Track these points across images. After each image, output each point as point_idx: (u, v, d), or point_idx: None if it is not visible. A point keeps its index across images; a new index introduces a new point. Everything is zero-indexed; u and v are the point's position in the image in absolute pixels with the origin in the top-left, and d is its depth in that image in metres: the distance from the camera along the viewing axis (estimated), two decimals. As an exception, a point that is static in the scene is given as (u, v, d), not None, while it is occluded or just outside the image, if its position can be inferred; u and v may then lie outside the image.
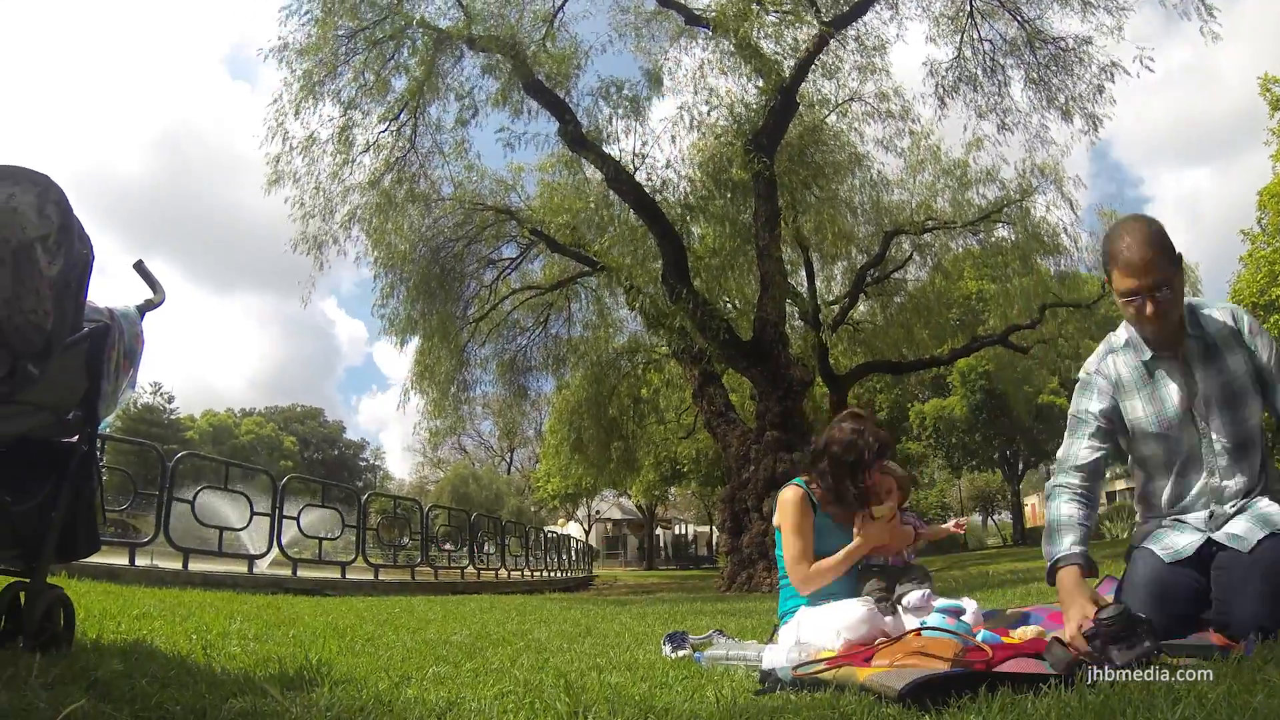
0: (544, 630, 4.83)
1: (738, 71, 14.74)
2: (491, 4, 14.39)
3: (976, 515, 54.83)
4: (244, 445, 62.98)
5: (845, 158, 17.15)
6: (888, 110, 17.04)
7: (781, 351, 14.57)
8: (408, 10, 14.23)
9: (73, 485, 2.56)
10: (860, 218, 17.90)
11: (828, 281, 19.95)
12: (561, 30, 14.84)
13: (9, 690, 1.74)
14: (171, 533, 9.17)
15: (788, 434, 14.00)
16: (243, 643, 3.35)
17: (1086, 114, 14.70)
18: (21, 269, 2.39)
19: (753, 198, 14.43)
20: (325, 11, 13.67)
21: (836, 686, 2.20)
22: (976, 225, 17.83)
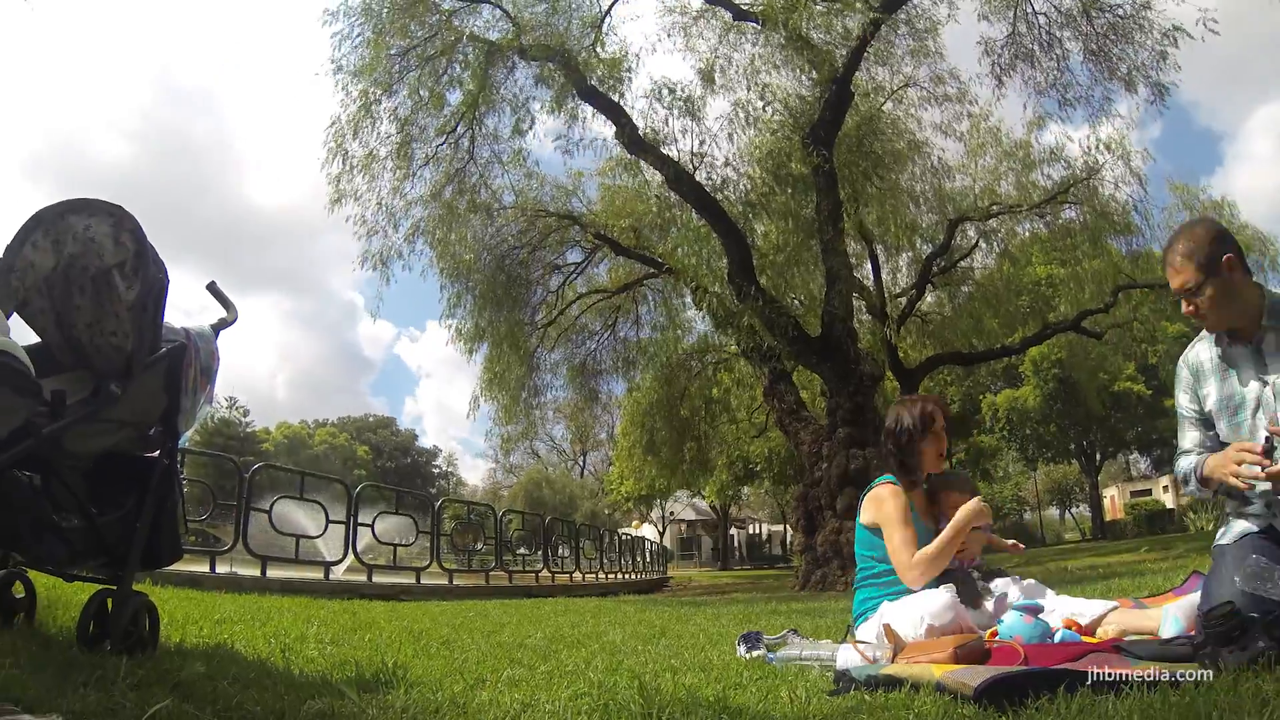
0: (618, 632, 4.82)
1: (790, 64, 14.50)
2: (539, 13, 14.46)
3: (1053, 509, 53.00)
4: (318, 455, 64.45)
5: (904, 145, 16.67)
6: (944, 94, 16.59)
7: (850, 346, 14.28)
8: (457, 25, 14.42)
9: (155, 497, 2.68)
10: (923, 206, 17.31)
11: (894, 273, 19.27)
12: (610, 34, 14.80)
13: (98, 690, 1.83)
14: (250, 541, 9.45)
15: (860, 430, 13.74)
16: (320, 646, 3.44)
17: (1151, 83, 14.03)
18: (101, 295, 2.52)
19: (814, 192, 14.16)
20: (376, 33, 13.89)
21: (911, 686, 2.16)
22: (1043, 207, 17.15)
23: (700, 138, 14.79)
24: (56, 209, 2.53)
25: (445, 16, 14.31)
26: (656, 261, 17.00)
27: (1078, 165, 16.53)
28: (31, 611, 2.82)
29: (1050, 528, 49.10)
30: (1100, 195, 16.55)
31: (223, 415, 61.86)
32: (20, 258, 2.51)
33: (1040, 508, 48.64)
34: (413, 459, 79.82)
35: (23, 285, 2.52)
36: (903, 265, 19.06)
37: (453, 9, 14.42)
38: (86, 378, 2.53)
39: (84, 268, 2.54)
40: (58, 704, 1.69)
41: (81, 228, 2.53)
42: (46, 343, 2.64)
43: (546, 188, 17.50)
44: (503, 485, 62.65)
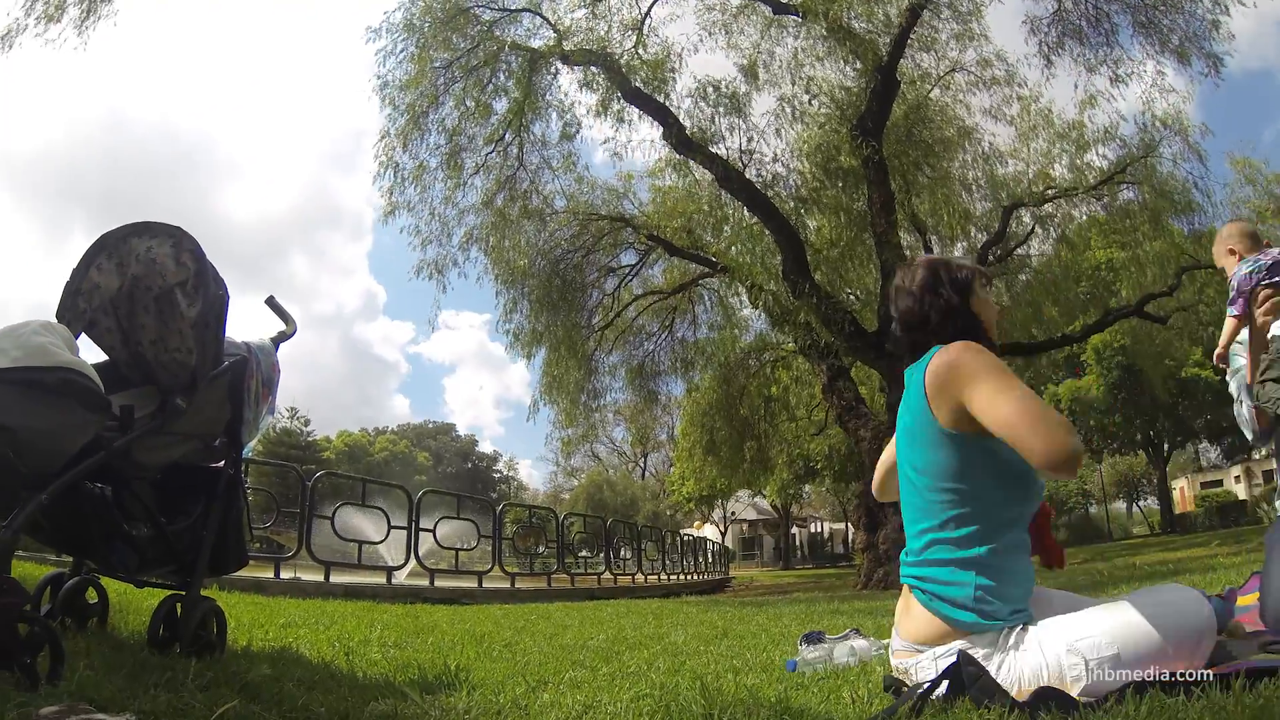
0: (680, 633, 4.81)
1: (833, 56, 14.28)
2: (579, 18, 14.54)
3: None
4: (379, 462, 65.56)
5: (954, 132, 16.24)
6: (992, 77, 16.06)
7: None
8: (498, 35, 14.54)
9: (221, 506, 2.77)
10: (976, 194, 16.84)
11: None
12: (651, 35, 14.71)
13: (169, 691, 1.89)
14: (313, 547, 9.69)
15: None
16: (383, 649, 3.49)
17: (1204, 53, 13.52)
18: (165, 313, 2.61)
19: (864, 184, 13.94)
20: (419, 48, 14.08)
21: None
22: (1099, 189, 16.53)
23: (748, 135, 14.73)
24: (119, 233, 2.63)
25: (486, 27, 14.45)
26: (711, 261, 16.92)
27: (1133, 144, 15.94)
28: (104, 616, 2.93)
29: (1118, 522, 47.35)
30: (1159, 174, 15.94)
31: (284, 425, 63.37)
32: (86, 280, 2.62)
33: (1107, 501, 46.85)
34: (473, 464, 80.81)
35: (90, 306, 2.63)
36: (958, 255, 18.68)
37: (493, 19, 14.56)
38: (153, 393, 2.63)
39: (147, 287, 2.63)
40: (130, 704, 1.75)
41: (143, 249, 2.62)
42: (114, 360, 2.74)
43: (598, 191, 17.57)
44: (564, 488, 63.04)
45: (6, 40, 11.40)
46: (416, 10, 14.10)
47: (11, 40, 11.43)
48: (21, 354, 2.08)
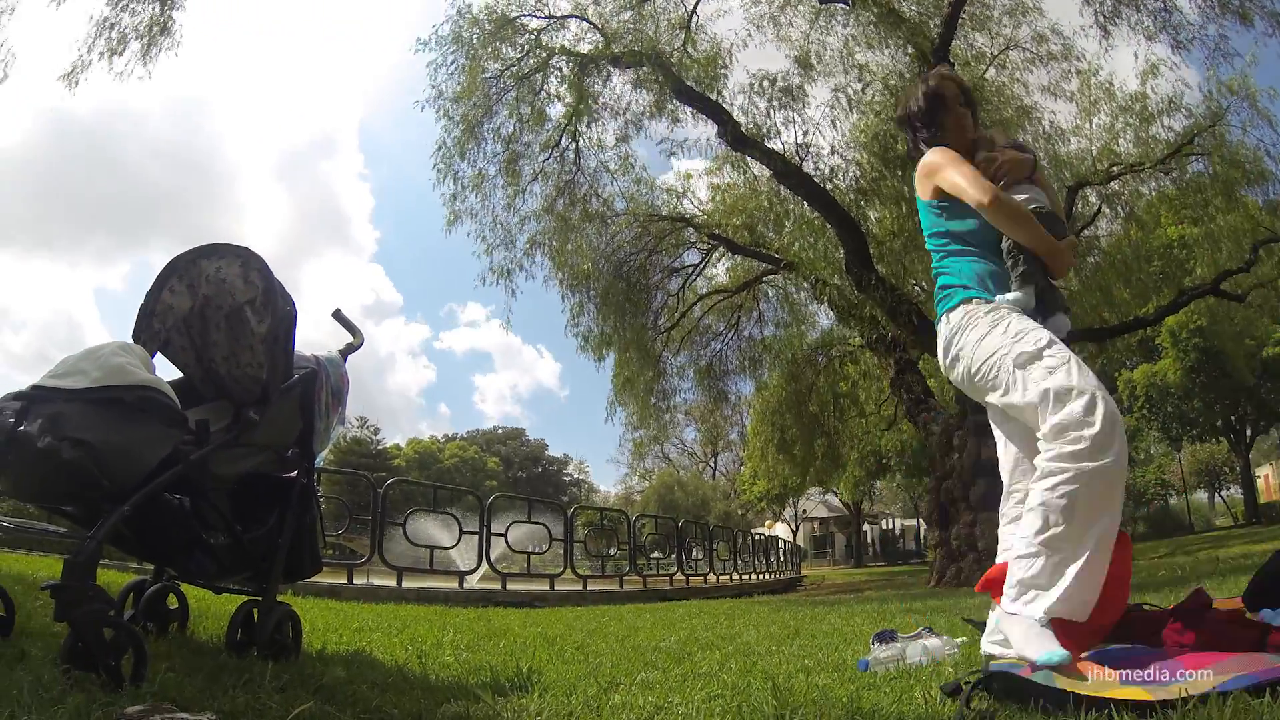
0: (752, 633, 4.77)
1: (884, 42, 14.04)
2: (626, 20, 14.54)
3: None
4: (449, 469, 66.57)
5: (1012, 112, 15.54)
6: (1048, 52, 15.48)
7: None
8: (546, 42, 14.69)
9: (295, 514, 2.86)
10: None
11: None
12: (699, 33, 14.68)
13: (246, 692, 1.96)
14: (385, 553, 9.89)
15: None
16: (456, 652, 3.54)
17: (1266, 13, 12.81)
18: (236, 330, 2.71)
19: None
20: (470, 59, 14.30)
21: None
22: (1166, 163, 15.72)
23: (803, 128, 14.54)
24: (188, 256, 2.73)
25: (534, 35, 14.60)
26: (774, 257, 16.80)
27: (1199, 113, 15.15)
28: (184, 621, 3.04)
29: (1199, 513, 44.85)
30: (1228, 143, 15.11)
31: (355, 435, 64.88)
32: (160, 302, 2.73)
33: (1187, 491, 44.58)
34: (543, 468, 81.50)
35: (164, 327, 2.74)
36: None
37: (540, 27, 14.70)
38: (227, 407, 2.72)
39: (218, 306, 2.74)
40: (210, 704, 1.82)
41: (213, 270, 2.73)
42: (188, 377, 2.85)
43: (657, 191, 17.57)
44: (635, 490, 63.15)
45: (73, 76, 11.89)
46: (464, 23, 14.31)
47: (78, 75, 11.90)
48: (101, 374, 2.19)
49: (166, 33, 12.27)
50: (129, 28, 12.01)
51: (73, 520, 2.42)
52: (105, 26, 11.84)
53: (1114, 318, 17.46)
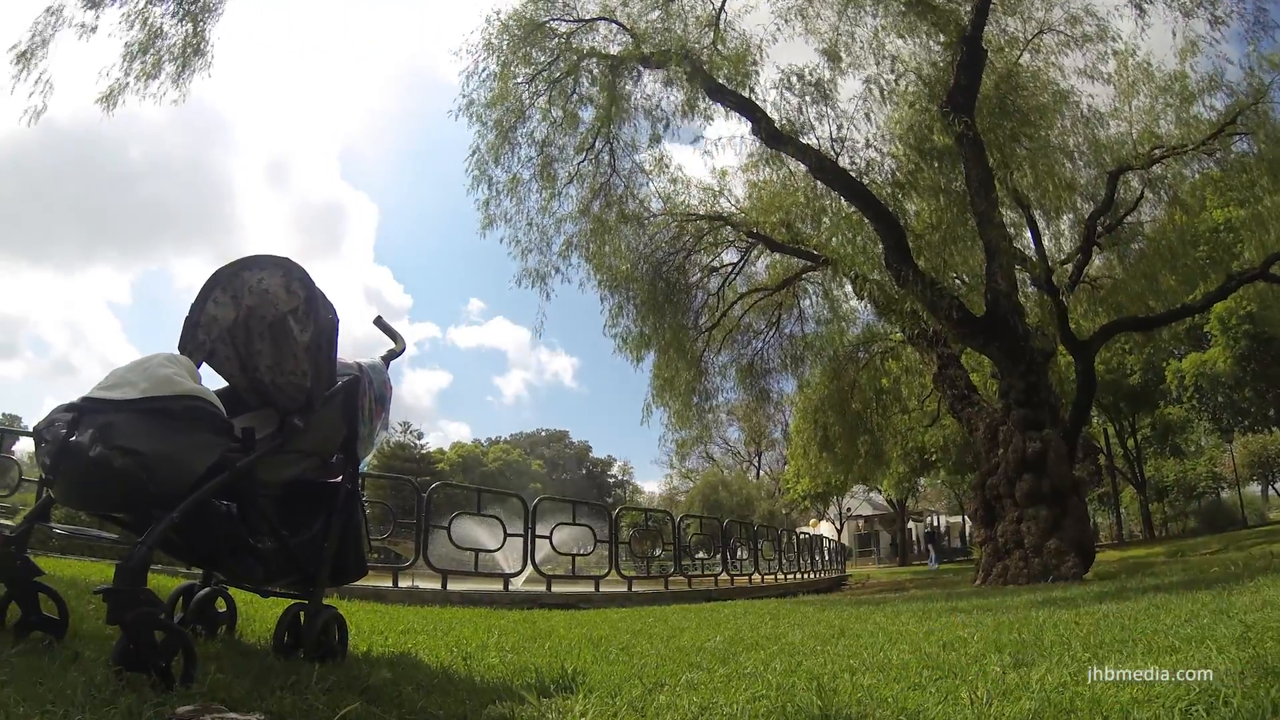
0: (797, 633, 4.76)
1: (914, 31, 13.79)
2: (654, 20, 14.52)
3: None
4: (492, 472, 66.98)
5: (1049, 98, 15.26)
6: (1083, 34, 15.09)
7: (1018, 323, 13.32)
8: (576, 45, 14.68)
9: (340, 519, 2.90)
10: (1079, 161, 15.80)
11: (1056, 238, 17.70)
12: (728, 30, 14.52)
13: (293, 693, 2.00)
14: (430, 556, 9.99)
15: (1035, 410, 12.90)
16: (500, 654, 3.57)
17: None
18: (279, 339, 2.76)
19: (961, 162, 13.42)
20: (501, 65, 14.37)
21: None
22: (1210, 144, 15.16)
23: (837, 122, 14.32)
24: (231, 268, 2.80)
25: (564, 39, 14.62)
26: (812, 254, 16.66)
27: (1241, 90, 14.60)
28: (233, 624, 3.11)
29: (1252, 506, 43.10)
30: (1272, 120, 14.53)
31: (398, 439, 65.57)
32: (204, 314, 2.79)
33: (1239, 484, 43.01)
34: (587, 470, 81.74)
35: (209, 338, 2.80)
36: (1064, 229, 17.39)
37: (569, 30, 14.70)
38: (272, 415, 2.78)
39: (261, 316, 2.79)
40: (258, 704, 1.86)
41: (255, 281, 2.78)
42: (234, 386, 2.91)
43: (693, 191, 17.43)
44: (679, 491, 63.02)
45: (110, 99, 12.07)
46: (494, 30, 14.40)
47: (115, 99, 12.09)
48: (149, 385, 2.25)
49: (199, 53, 12.51)
50: (163, 50, 12.26)
51: (124, 527, 2.49)
52: (139, 50, 12.09)
53: (1160, 306, 16.99)
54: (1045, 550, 11.68)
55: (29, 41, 11.22)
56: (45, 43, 11.30)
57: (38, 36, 11.27)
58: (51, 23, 11.34)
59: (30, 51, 11.19)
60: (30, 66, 11.17)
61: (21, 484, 11.17)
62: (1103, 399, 29.99)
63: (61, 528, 2.92)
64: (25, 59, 11.16)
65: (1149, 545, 27.30)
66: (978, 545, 14.54)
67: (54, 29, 11.35)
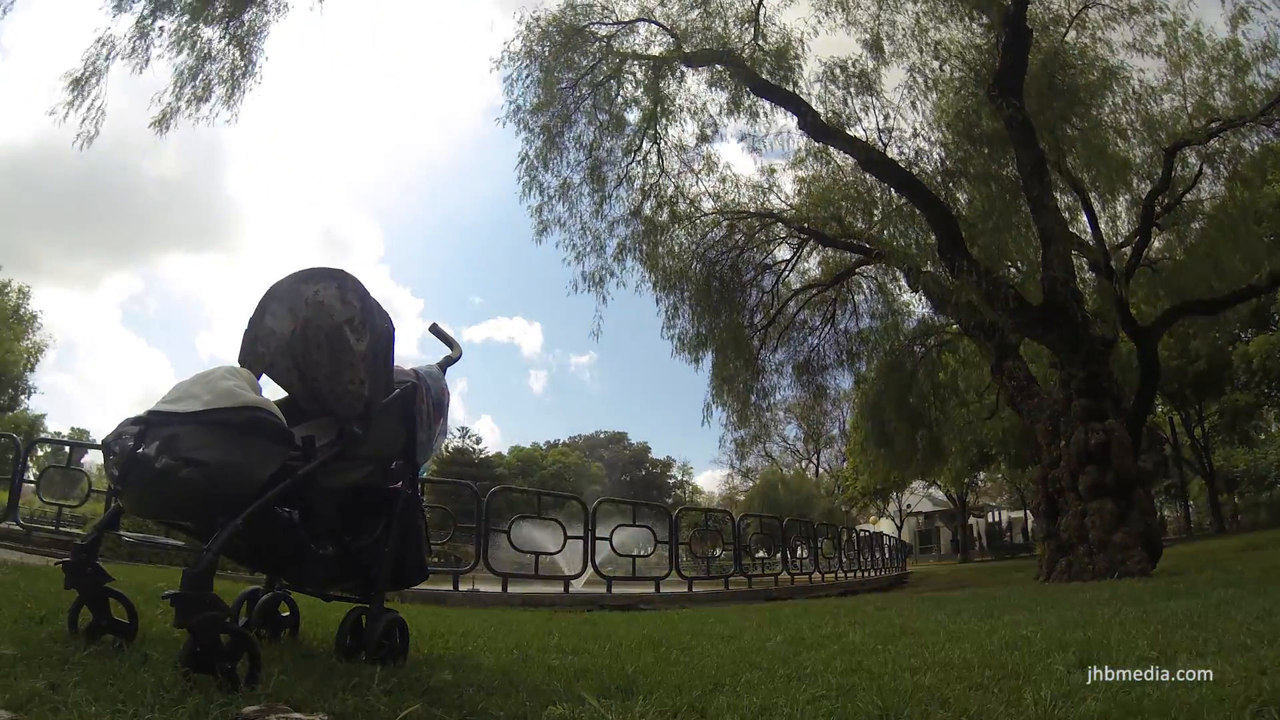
0: (858, 632, 4.70)
1: (956, 15, 13.53)
2: (694, 19, 14.52)
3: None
4: (552, 475, 67.29)
5: (1098, 75, 14.75)
6: (1128, 6, 14.53)
7: (1077, 310, 12.91)
8: (617, 48, 14.79)
9: (401, 523, 2.96)
10: (1132, 139, 15.25)
11: (1112, 221, 17.07)
12: (768, 25, 14.48)
13: (355, 695, 2.05)
14: (490, 559, 10.14)
15: (1097, 400, 12.51)
16: (561, 656, 3.58)
17: None
18: (336, 349, 2.83)
19: (1011, 147, 13.14)
20: (544, 71, 14.53)
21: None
22: (1268, 114, 14.41)
23: (883, 112, 14.19)
24: (287, 281, 2.88)
25: (604, 42, 14.72)
26: (864, 247, 16.53)
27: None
28: (295, 627, 3.19)
29: None
30: None
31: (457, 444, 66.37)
32: (262, 327, 2.88)
33: None
34: (646, 471, 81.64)
35: (268, 350, 2.88)
36: (1121, 210, 16.70)
37: (610, 33, 14.80)
38: (331, 423, 2.84)
39: (318, 328, 2.85)
40: (321, 705, 1.91)
41: (311, 293, 2.85)
42: (293, 396, 2.99)
43: (742, 188, 17.38)
44: (739, 490, 62.69)
45: (163, 123, 12.48)
46: (534, 36, 14.56)
47: (168, 122, 12.50)
48: (212, 397, 2.33)
49: (248, 74, 12.91)
50: (212, 73, 12.65)
51: (190, 534, 2.58)
52: (189, 74, 12.48)
53: (1224, 287, 16.22)
54: (1110, 545, 11.33)
55: (83, 69, 11.63)
56: (99, 72, 11.69)
57: (90, 65, 11.67)
58: (103, 53, 11.74)
59: (84, 79, 11.60)
60: (84, 93, 11.56)
61: (91, 494, 11.63)
62: (1167, 386, 28.86)
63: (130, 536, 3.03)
64: (79, 86, 11.56)
65: (1219, 539, 26.23)
66: (1040, 541, 14.16)
67: (106, 58, 11.74)
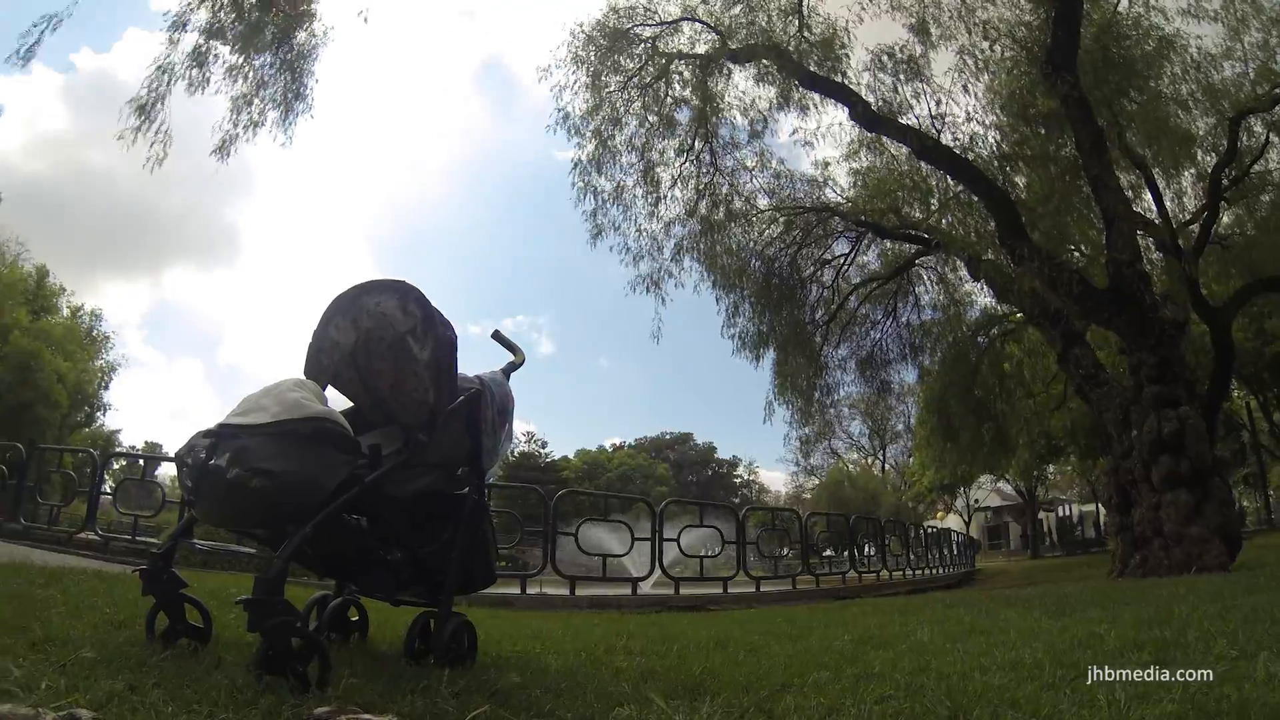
0: (926, 631, 4.61)
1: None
2: (737, 15, 14.50)
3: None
4: (618, 477, 67.46)
5: (1154, 45, 14.19)
6: None
7: (1145, 292, 12.41)
8: (662, 49, 14.86)
9: (468, 529, 3.00)
10: (1194, 110, 14.62)
11: (1178, 197, 16.47)
12: (812, 16, 14.32)
13: (424, 697, 2.09)
14: (558, 563, 10.22)
15: (1169, 386, 11.96)
16: (628, 657, 3.58)
17: None
18: (400, 359, 2.89)
19: (1068, 126, 12.72)
20: (591, 76, 14.72)
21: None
22: None
23: (934, 98, 13.97)
24: (349, 294, 2.95)
25: (649, 43, 14.81)
26: (923, 238, 16.26)
27: None
28: (365, 632, 3.27)
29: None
30: None
31: (523, 449, 66.96)
32: (326, 339, 2.96)
33: None
34: (713, 471, 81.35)
35: (332, 362, 2.96)
36: (1186, 185, 16.23)
37: (654, 34, 14.88)
38: (396, 432, 2.90)
39: (380, 338, 2.92)
40: (390, 707, 1.95)
41: (373, 304, 2.92)
42: (358, 406, 3.06)
43: (797, 183, 17.29)
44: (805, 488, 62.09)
45: (224, 150, 13.16)
46: (579, 43, 14.75)
47: (228, 149, 13.17)
48: (280, 409, 2.40)
49: (300, 97, 13.50)
50: (267, 98, 13.29)
51: (261, 542, 2.66)
52: (244, 101, 13.13)
53: (1301, 261, 15.52)
54: (1186, 538, 10.85)
55: (146, 95, 12.24)
56: (161, 98, 12.30)
57: (153, 90, 12.28)
58: (164, 80, 12.36)
59: (149, 104, 12.19)
60: (151, 118, 12.17)
61: (165, 505, 12.08)
62: (1243, 369, 27.36)
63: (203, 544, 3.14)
64: (145, 112, 12.14)
65: (1302, 530, 24.94)
66: (1113, 535, 13.60)
67: (168, 85, 12.37)
